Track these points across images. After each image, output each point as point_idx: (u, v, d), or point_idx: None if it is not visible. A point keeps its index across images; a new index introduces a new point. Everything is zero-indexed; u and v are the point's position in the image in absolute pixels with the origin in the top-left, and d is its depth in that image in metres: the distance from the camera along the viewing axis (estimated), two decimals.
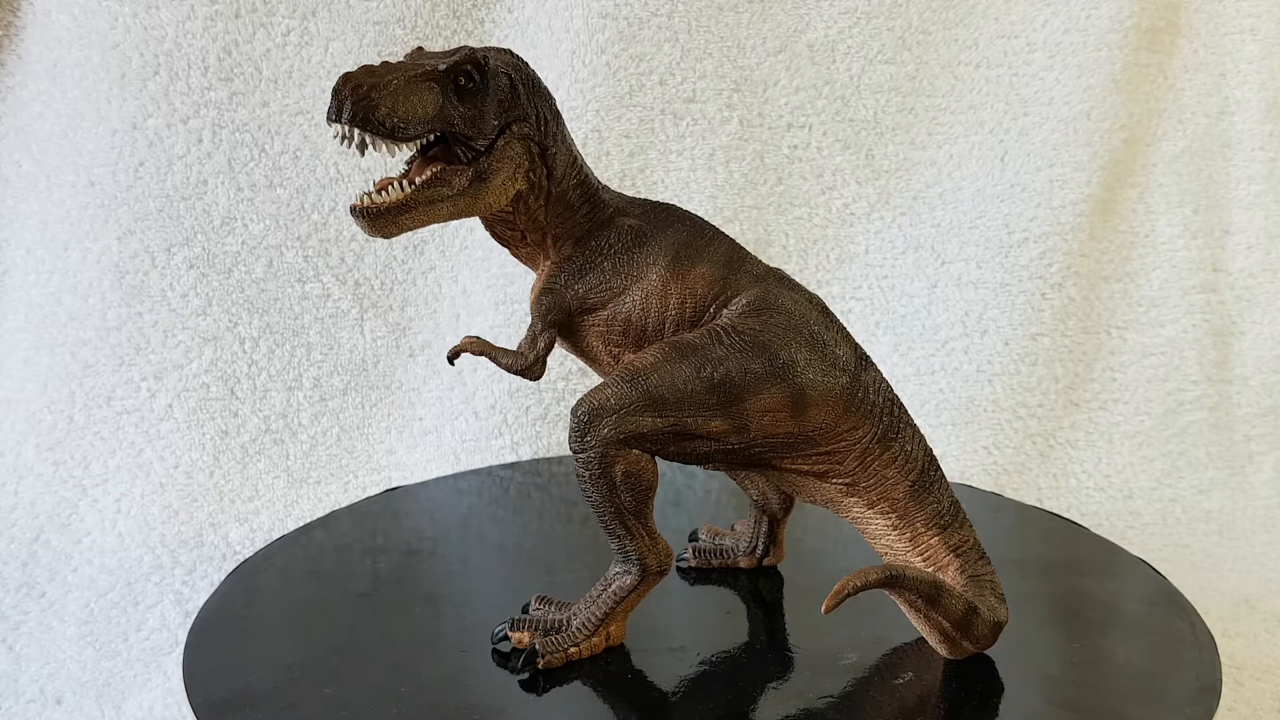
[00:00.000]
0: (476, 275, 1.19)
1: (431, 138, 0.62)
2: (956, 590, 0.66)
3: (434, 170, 0.63)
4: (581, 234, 0.69)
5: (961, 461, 1.19)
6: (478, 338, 0.70)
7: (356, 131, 0.59)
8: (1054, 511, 0.99)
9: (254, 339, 1.15)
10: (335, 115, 0.59)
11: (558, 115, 0.68)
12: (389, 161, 0.67)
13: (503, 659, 0.68)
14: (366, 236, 0.88)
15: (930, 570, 0.68)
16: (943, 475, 0.69)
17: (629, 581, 0.67)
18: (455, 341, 0.95)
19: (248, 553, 0.96)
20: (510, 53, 0.66)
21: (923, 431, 0.72)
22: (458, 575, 0.81)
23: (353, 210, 0.61)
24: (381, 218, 0.62)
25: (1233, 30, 1.26)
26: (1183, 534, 1.13)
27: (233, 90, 1.15)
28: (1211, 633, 0.73)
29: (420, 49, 0.65)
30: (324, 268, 1.17)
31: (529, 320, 0.70)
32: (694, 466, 0.72)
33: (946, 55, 1.26)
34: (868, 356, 0.69)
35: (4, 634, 0.90)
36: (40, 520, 1.05)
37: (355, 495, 1.08)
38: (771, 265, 0.72)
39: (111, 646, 0.88)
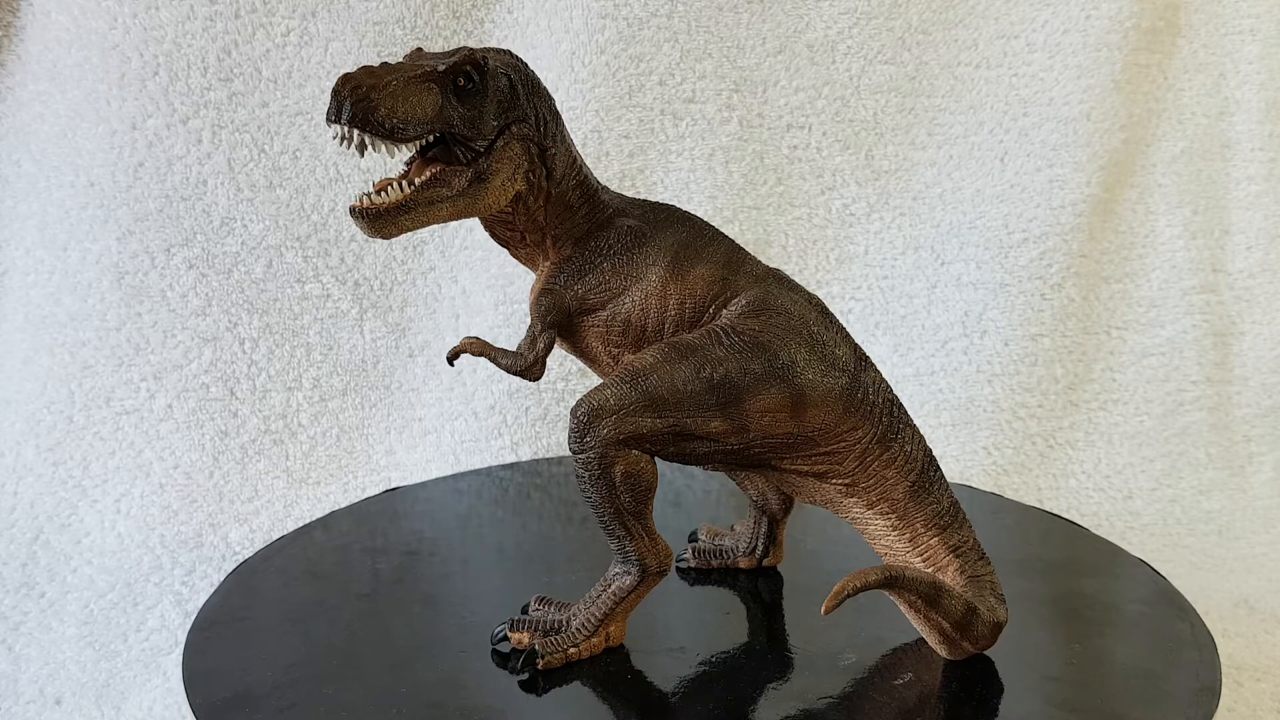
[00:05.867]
0: (476, 275, 1.19)
1: (431, 138, 0.62)
2: (956, 591, 0.66)
3: (433, 171, 0.63)
4: (581, 235, 0.69)
5: (961, 462, 1.19)
6: (477, 338, 0.70)
7: (356, 132, 0.59)
8: (1054, 512, 0.99)
9: (254, 339, 1.15)
10: (335, 116, 0.59)
11: (557, 116, 0.68)
12: (388, 162, 0.67)
13: (502, 659, 0.68)
14: (366, 237, 0.88)
15: (930, 571, 0.68)
16: (942, 476, 0.69)
17: (629, 582, 0.67)
18: (455, 342, 0.95)
19: (247, 553, 0.96)
20: (509, 53, 0.66)
21: (923, 432, 0.72)
22: (457, 576, 0.81)
23: (352, 211, 0.61)
24: (381, 218, 0.62)
25: (1233, 30, 1.26)
26: (1183, 534, 1.13)
27: (232, 91, 1.15)
28: (1211, 633, 0.73)
29: (420, 50, 0.65)
30: (324, 268, 1.17)
31: (528, 321, 0.70)
32: (693, 467, 0.72)
33: (946, 55, 1.26)
34: (867, 357, 0.69)
35: (4, 634, 0.90)
36: (40, 520, 1.05)
37: (355, 496, 1.08)
38: (771, 265, 0.72)
39: (111, 647, 0.88)
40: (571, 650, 0.67)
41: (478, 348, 0.69)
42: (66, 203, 1.13)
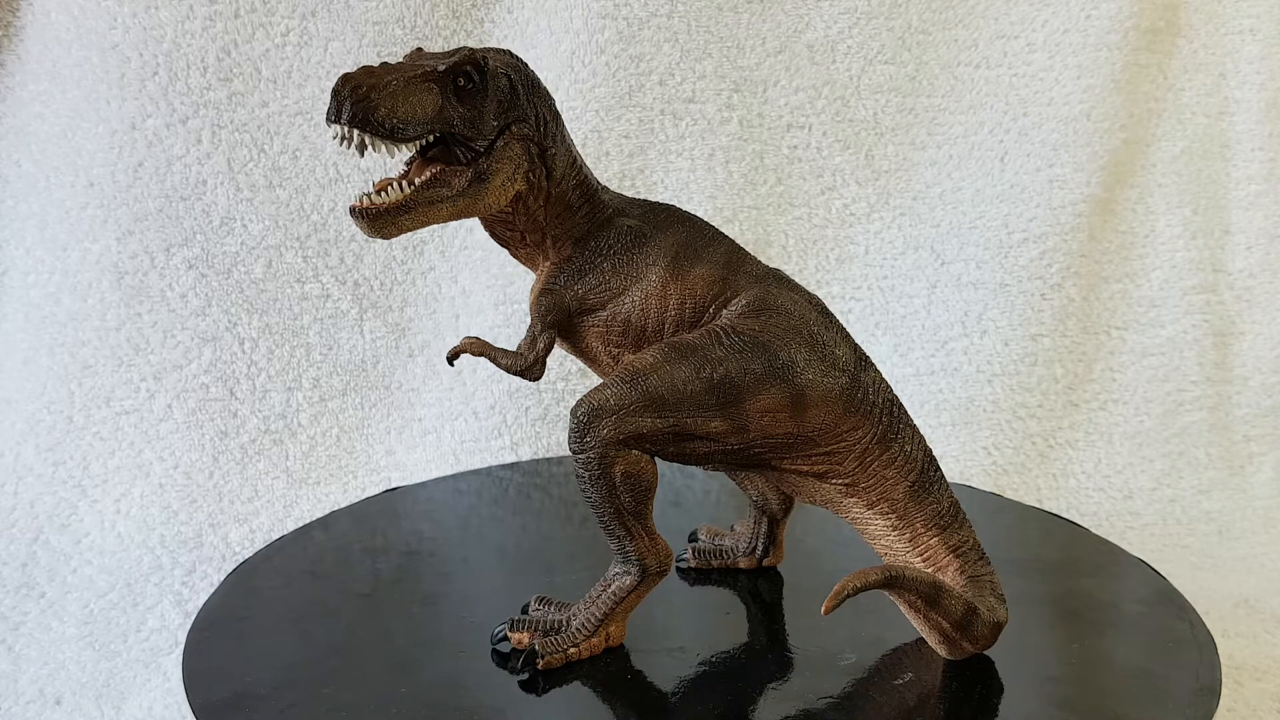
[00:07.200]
0: (476, 275, 1.19)
1: (431, 139, 0.62)
2: (956, 591, 0.66)
3: (433, 171, 0.63)
4: (581, 235, 0.69)
5: (961, 461, 1.19)
6: (477, 338, 0.70)
7: (356, 132, 0.59)
8: (1054, 512, 0.99)
9: (253, 339, 1.15)
10: (335, 116, 0.59)
11: (557, 116, 0.68)
12: (388, 162, 0.67)
13: (502, 659, 0.68)
14: (366, 237, 0.88)
15: (930, 571, 0.68)
16: (942, 476, 0.69)
17: (629, 582, 0.67)
18: (455, 342, 0.95)
19: (247, 553, 0.96)
20: (510, 53, 0.66)
21: (923, 432, 0.72)
22: (457, 576, 0.81)
23: (352, 211, 0.61)
24: (381, 218, 0.62)
25: (1233, 30, 1.26)
26: (1183, 534, 1.13)
27: (232, 90, 1.15)
28: (1211, 633, 0.73)
29: (420, 49, 0.65)
30: (323, 268, 1.17)
31: (529, 321, 0.70)
32: (693, 467, 0.72)
33: (946, 55, 1.26)
34: (867, 357, 0.69)
35: (4, 634, 0.90)
36: (40, 520, 1.05)
37: (355, 496, 1.08)
38: (771, 265, 0.72)
39: (111, 647, 0.88)
40: (571, 650, 0.67)
41: (478, 348, 0.69)
42: (66, 203, 1.13)
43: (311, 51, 1.16)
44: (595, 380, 0.89)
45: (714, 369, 0.64)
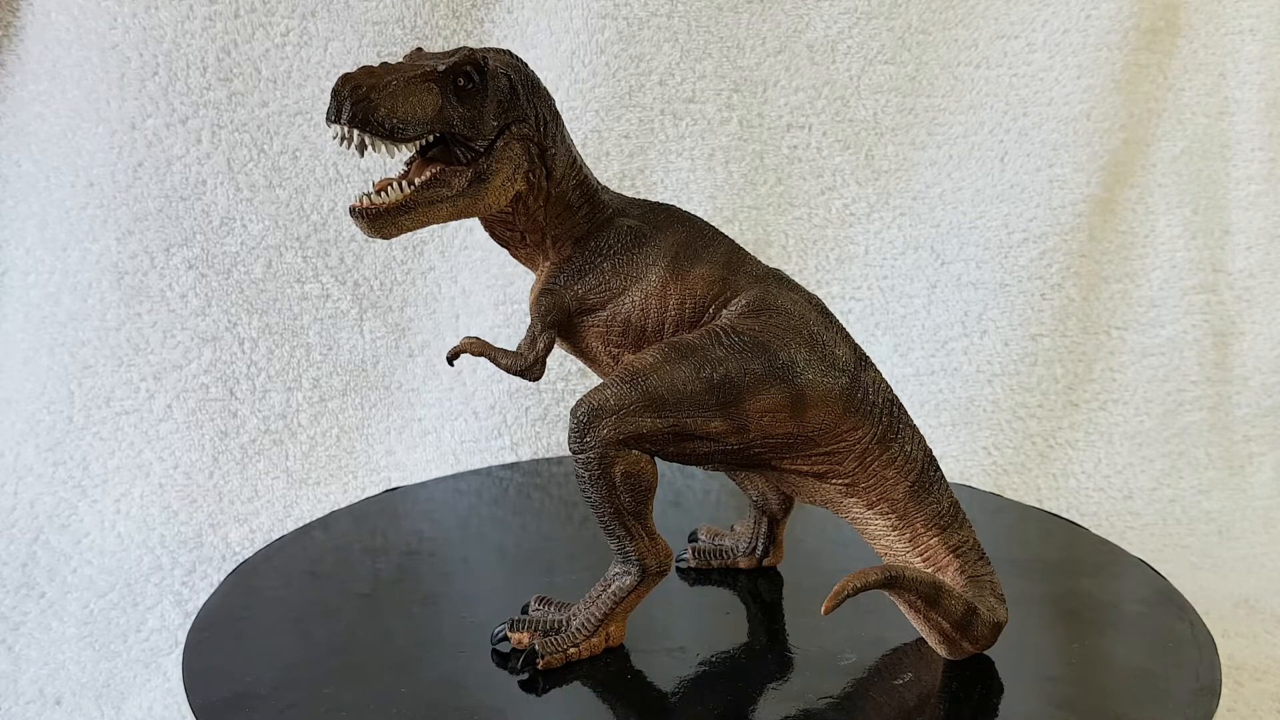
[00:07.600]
0: (476, 275, 1.19)
1: (431, 139, 0.62)
2: (956, 591, 0.66)
3: (433, 171, 0.63)
4: (581, 235, 0.69)
5: (961, 461, 1.19)
6: (477, 338, 0.70)
7: (356, 132, 0.59)
8: (1054, 512, 0.99)
9: (253, 339, 1.15)
10: (334, 116, 0.59)
11: (557, 116, 0.68)
12: (388, 162, 0.67)
13: (502, 659, 0.68)
14: (366, 237, 0.88)
15: (930, 571, 0.68)
16: (942, 476, 0.69)
17: (628, 582, 0.67)
18: (455, 342, 0.95)
19: (247, 553, 0.96)
20: (509, 53, 0.66)
21: (923, 432, 0.72)
22: (457, 576, 0.81)
23: (352, 211, 0.61)
24: (381, 218, 0.62)
25: (1233, 30, 1.26)
26: (1182, 534, 1.13)
27: (232, 90, 1.15)
28: (1211, 633, 0.73)
29: (419, 49, 0.65)
30: (323, 268, 1.17)
31: (529, 321, 0.70)
32: (693, 467, 0.72)
33: (946, 55, 1.26)
34: (867, 357, 0.69)
35: (4, 634, 0.90)
36: (40, 520, 1.05)
37: (355, 496, 1.08)
38: (771, 265, 0.72)
39: (111, 647, 0.88)
40: (571, 650, 0.67)
41: (478, 348, 0.69)
42: (66, 203, 1.13)
43: (311, 51, 1.16)
44: (595, 380, 0.89)
45: (714, 369, 0.64)
